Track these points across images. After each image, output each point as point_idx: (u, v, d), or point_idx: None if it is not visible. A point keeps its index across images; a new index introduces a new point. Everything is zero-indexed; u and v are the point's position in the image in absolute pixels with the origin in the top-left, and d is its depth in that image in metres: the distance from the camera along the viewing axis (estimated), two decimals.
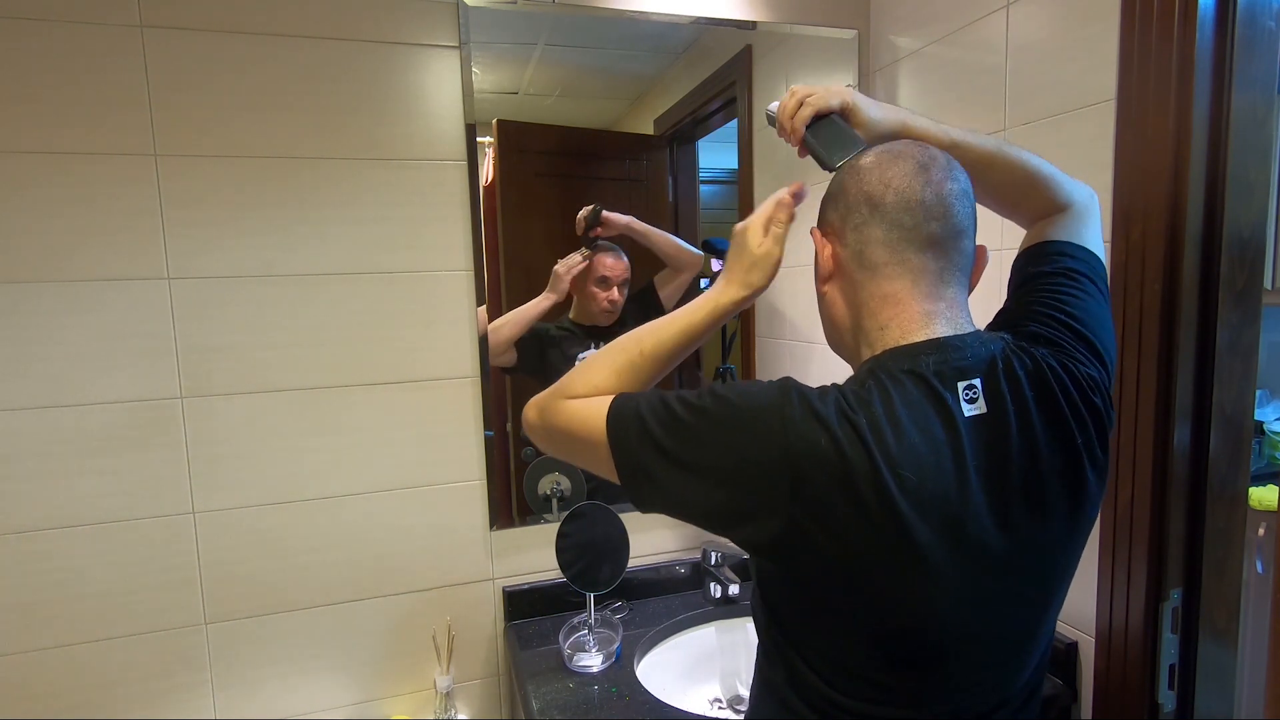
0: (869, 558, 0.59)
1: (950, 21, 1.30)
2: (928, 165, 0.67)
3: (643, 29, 1.39)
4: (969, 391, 0.62)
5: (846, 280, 0.70)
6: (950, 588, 0.61)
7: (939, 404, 0.61)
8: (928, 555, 0.59)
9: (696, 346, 0.77)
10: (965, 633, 0.64)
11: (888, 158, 0.68)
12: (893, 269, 0.66)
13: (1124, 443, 1.00)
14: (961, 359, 0.64)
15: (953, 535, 0.60)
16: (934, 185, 0.66)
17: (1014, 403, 0.63)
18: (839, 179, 0.71)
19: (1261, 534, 1.81)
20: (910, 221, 0.66)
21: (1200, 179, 0.93)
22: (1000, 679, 0.68)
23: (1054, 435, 0.65)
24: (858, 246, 0.68)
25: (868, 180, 0.68)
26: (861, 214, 0.68)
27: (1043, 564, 0.66)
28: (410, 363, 1.30)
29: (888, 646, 0.63)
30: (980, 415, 0.62)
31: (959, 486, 0.60)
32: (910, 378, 0.62)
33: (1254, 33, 0.92)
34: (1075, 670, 1.12)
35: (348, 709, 1.33)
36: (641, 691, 1.15)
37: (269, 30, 1.18)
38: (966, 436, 0.61)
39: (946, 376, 0.62)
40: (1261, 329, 0.98)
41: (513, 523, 1.40)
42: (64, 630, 1.17)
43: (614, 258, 1.44)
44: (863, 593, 0.61)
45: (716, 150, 1.53)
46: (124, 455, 1.17)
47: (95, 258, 1.13)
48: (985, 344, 0.66)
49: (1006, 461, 0.62)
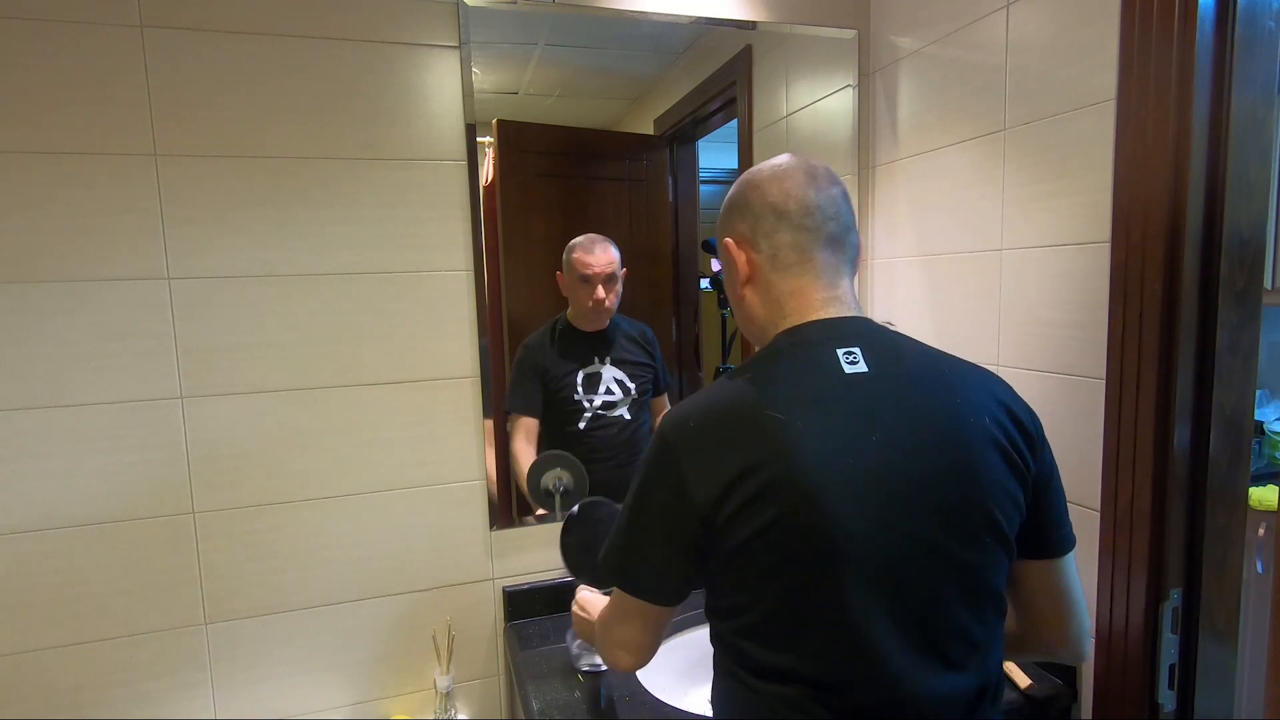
0: (770, 497, 0.66)
1: (950, 21, 1.30)
2: (813, 174, 0.78)
3: (643, 29, 1.39)
4: (849, 356, 0.71)
5: (761, 282, 0.78)
6: (849, 516, 0.65)
7: (819, 363, 0.71)
8: (821, 485, 0.65)
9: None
10: (879, 568, 0.66)
11: (780, 172, 0.78)
12: (801, 267, 0.76)
13: (1124, 443, 1.00)
14: (841, 332, 0.74)
15: (843, 463, 0.66)
16: (824, 191, 0.77)
17: (894, 366, 0.72)
18: (738, 193, 0.80)
19: (1261, 534, 1.81)
20: (812, 224, 0.76)
21: (1200, 179, 0.93)
22: (943, 640, 0.69)
23: (933, 390, 0.71)
24: (770, 251, 0.77)
25: (769, 192, 0.77)
26: (770, 222, 0.77)
27: (951, 505, 0.69)
28: (410, 363, 1.30)
29: (808, 596, 0.67)
30: (862, 373, 0.71)
31: (845, 425, 0.68)
32: (796, 347, 0.73)
33: (1254, 33, 0.92)
34: (1075, 670, 1.12)
35: (348, 709, 1.33)
36: (641, 691, 1.15)
37: (269, 30, 1.18)
38: (850, 386, 0.70)
39: (826, 342, 0.72)
40: (1261, 329, 0.98)
41: (513, 523, 1.40)
42: (64, 630, 1.17)
43: (591, 253, 1.37)
44: (779, 537, 0.66)
45: (716, 150, 1.53)
46: (124, 455, 1.17)
47: (95, 258, 1.13)
48: (867, 323, 0.76)
49: (894, 407, 0.69)
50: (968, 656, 0.70)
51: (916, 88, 1.40)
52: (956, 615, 0.70)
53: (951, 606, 0.69)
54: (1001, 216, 1.21)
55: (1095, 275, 1.05)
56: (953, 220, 1.33)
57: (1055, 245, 1.12)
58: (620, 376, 1.45)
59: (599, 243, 1.39)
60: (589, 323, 1.43)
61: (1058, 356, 1.13)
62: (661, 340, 1.51)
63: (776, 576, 0.67)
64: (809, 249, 0.76)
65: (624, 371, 1.46)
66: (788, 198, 0.76)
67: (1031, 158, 1.15)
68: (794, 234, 0.76)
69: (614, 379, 1.45)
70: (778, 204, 0.76)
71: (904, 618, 0.67)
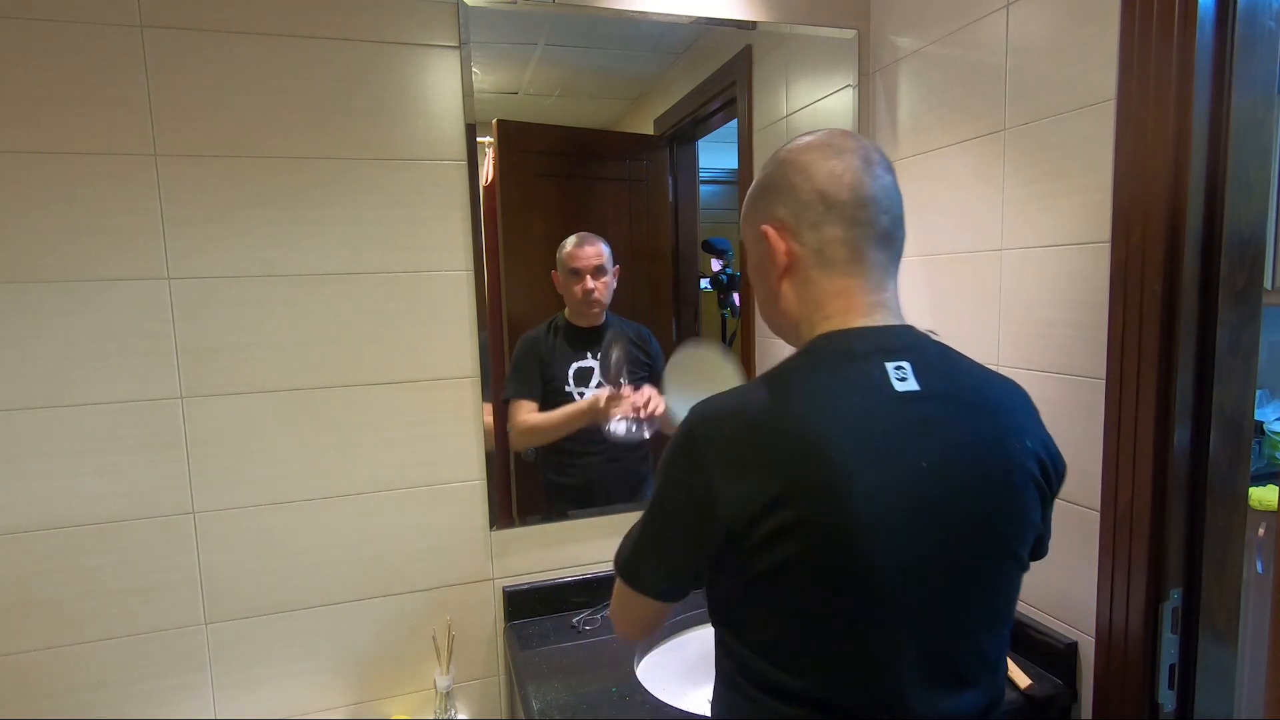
0: (802, 513, 0.61)
1: (950, 21, 1.30)
2: (868, 159, 0.69)
3: (643, 29, 1.39)
4: (899, 371, 0.65)
5: (801, 276, 0.71)
6: (885, 540, 0.62)
7: (866, 377, 0.65)
8: (860, 509, 0.61)
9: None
10: (906, 584, 0.64)
11: (830, 152, 0.69)
12: (850, 266, 0.69)
13: (1124, 443, 1.00)
14: (889, 343, 0.67)
15: (880, 483, 0.62)
16: (879, 179, 0.69)
17: (944, 384, 0.67)
18: (778, 173, 0.71)
19: (1261, 534, 1.81)
20: (866, 218, 0.68)
21: (1200, 179, 0.93)
22: (958, 658, 0.68)
23: (975, 417, 0.67)
24: (817, 245, 0.69)
25: (817, 176, 0.68)
26: (817, 211, 0.68)
27: (984, 532, 0.67)
28: (410, 363, 1.30)
29: (822, 619, 0.64)
30: (913, 391, 0.65)
31: (887, 446, 0.63)
32: (840, 355, 0.67)
33: (1254, 33, 0.92)
34: (1075, 670, 1.12)
35: (347, 709, 1.33)
36: (641, 691, 1.15)
37: (269, 30, 1.18)
38: (898, 406, 0.64)
39: (874, 355, 0.66)
40: (1261, 329, 0.98)
41: (513, 523, 1.40)
42: (64, 630, 1.17)
43: (580, 247, 1.40)
44: (809, 554, 0.63)
45: (716, 150, 1.53)
46: (124, 455, 1.17)
47: (95, 258, 1.13)
48: (915, 333, 0.70)
49: (937, 429, 0.65)
50: (980, 675, 0.70)
51: (916, 88, 1.40)
52: (977, 641, 0.69)
53: (976, 635, 0.69)
54: (1001, 216, 1.21)
55: (1095, 275, 1.05)
56: (953, 220, 1.33)
57: (1055, 245, 1.12)
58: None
59: (587, 238, 1.41)
60: (584, 318, 1.44)
61: (1058, 356, 1.13)
62: (661, 340, 1.51)
63: (800, 603, 0.63)
64: (860, 246, 0.69)
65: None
66: (840, 185, 0.68)
67: (1031, 158, 1.15)
68: (846, 228, 0.68)
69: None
70: (828, 191, 0.68)
71: (930, 650, 0.66)
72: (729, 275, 1.53)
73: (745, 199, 0.76)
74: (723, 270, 1.52)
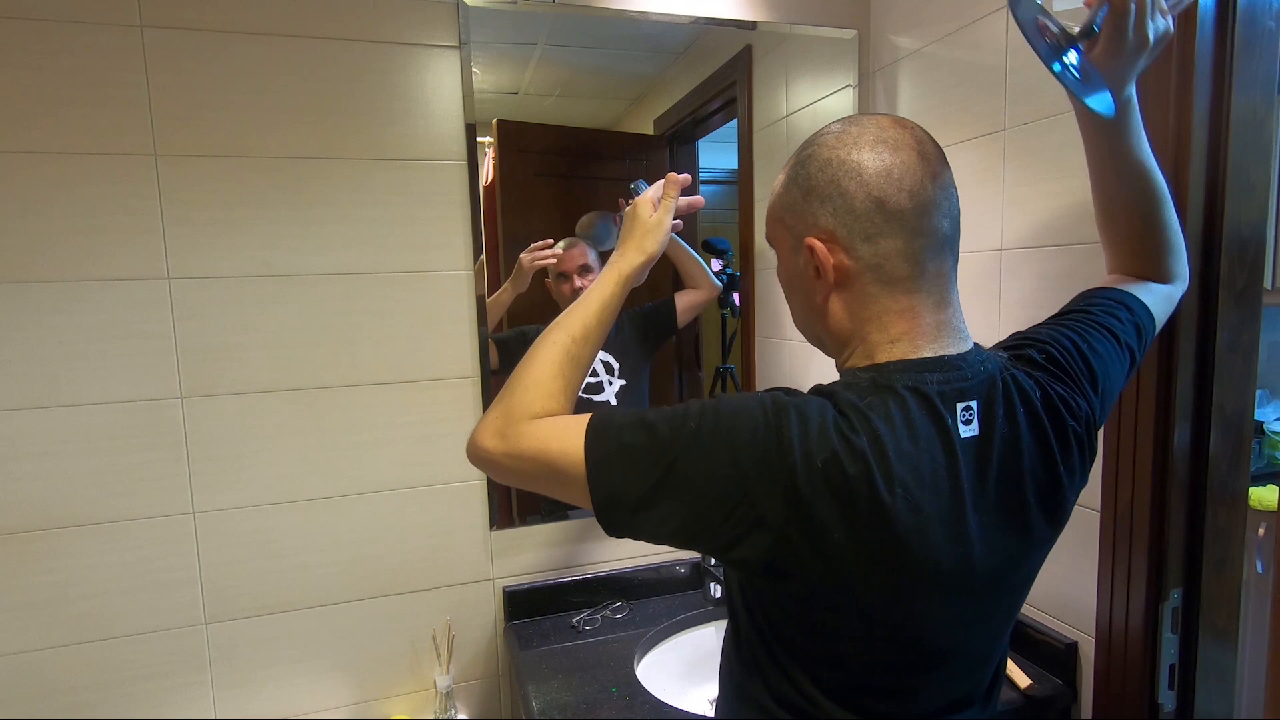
0: (861, 576, 0.58)
1: (950, 21, 1.30)
2: (925, 154, 0.62)
3: (643, 29, 1.39)
4: (966, 413, 0.60)
5: (855, 292, 0.63)
6: (938, 606, 0.62)
7: (940, 424, 0.59)
8: (921, 576, 0.59)
9: (614, 319, 0.76)
10: (949, 647, 0.65)
11: (884, 148, 0.61)
12: (912, 283, 0.62)
13: (1124, 443, 1.00)
14: (962, 379, 0.61)
15: (946, 556, 0.59)
16: (939, 177, 0.62)
17: (1006, 426, 0.62)
18: (821, 174, 0.62)
19: (1261, 534, 1.81)
20: (928, 226, 0.61)
21: (1200, 179, 0.93)
22: (972, 682, 0.70)
23: (1040, 460, 0.64)
24: (874, 260, 0.61)
25: (869, 178, 0.60)
26: (873, 221, 0.60)
27: (1018, 580, 0.68)
28: (410, 363, 1.30)
29: (873, 658, 0.64)
30: (974, 437, 0.61)
31: (954, 508, 0.59)
32: (914, 395, 0.59)
33: (1254, 33, 0.92)
34: (1075, 670, 1.12)
35: (348, 709, 1.33)
36: (641, 691, 1.15)
37: (269, 30, 1.18)
38: (962, 458, 0.60)
39: (948, 396, 0.60)
40: (1261, 329, 0.98)
41: (513, 523, 1.40)
42: (64, 630, 1.17)
43: (565, 250, 1.41)
44: (853, 610, 0.61)
45: (716, 150, 1.53)
46: (124, 455, 1.17)
47: (95, 257, 1.13)
48: (984, 363, 0.64)
49: (996, 484, 0.62)
50: (984, 681, 0.72)
51: (916, 88, 1.40)
52: (996, 659, 0.72)
53: (998, 658, 0.71)
54: (1001, 216, 1.21)
55: (1095, 275, 1.05)
56: None
57: (1055, 245, 1.12)
58: (606, 358, 1.46)
59: (569, 241, 1.41)
60: None
61: None
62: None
63: (838, 645, 0.63)
64: (922, 258, 0.61)
65: (610, 354, 1.47)
66: (898, 189, 0.60)
67: (1031, 158, 1.15)
68: (907, 240, 0.60)
69: (600, 360, 1.46)
70: (885, 197, 0.60)
71: (956, 683, 0.68)
72: (729, 275, 1.53)
73: (776, 196, 0.68)
74: (723, 270, 1.52)
